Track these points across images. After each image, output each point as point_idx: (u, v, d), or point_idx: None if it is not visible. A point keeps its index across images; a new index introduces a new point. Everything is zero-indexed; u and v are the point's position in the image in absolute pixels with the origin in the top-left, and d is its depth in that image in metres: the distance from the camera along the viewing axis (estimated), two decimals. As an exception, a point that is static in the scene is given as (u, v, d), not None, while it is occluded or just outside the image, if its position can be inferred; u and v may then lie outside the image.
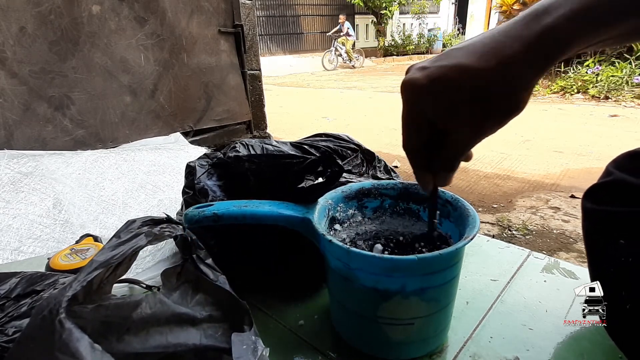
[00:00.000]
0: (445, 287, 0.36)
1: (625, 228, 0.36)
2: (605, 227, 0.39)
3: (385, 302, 0.35)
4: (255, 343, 0.30)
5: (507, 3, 6.13)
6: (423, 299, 0.35)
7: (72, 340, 0.23)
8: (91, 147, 1.14)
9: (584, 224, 0.43)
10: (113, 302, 0.29)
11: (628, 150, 0.41)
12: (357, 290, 0.36)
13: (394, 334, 0.37)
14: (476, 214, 0.38)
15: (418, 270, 0.34)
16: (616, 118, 3.08)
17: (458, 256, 0.36)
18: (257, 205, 0.41)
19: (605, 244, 0.38)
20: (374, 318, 0.36)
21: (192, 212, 0.40)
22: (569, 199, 1.66)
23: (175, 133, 1.34)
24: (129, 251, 0.29)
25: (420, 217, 0.46)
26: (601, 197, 0.40)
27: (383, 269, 0.34)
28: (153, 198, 0.84)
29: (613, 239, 0.37)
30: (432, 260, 0.33)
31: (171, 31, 1.33)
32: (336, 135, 0.63)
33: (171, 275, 0.34)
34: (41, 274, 0.41)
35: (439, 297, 0.36)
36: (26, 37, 1.01)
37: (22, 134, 1.03)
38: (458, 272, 0.37)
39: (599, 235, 0.40)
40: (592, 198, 0.41)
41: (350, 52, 9.04)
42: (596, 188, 0.41)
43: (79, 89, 1.13)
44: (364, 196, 0.46)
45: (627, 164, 0.40)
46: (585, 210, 0.42)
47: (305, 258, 0.47)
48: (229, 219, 0.40)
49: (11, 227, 0.67)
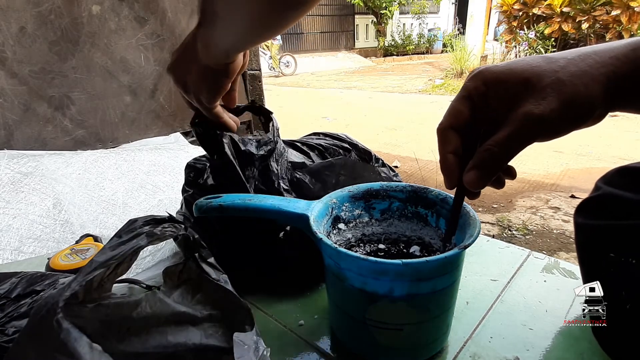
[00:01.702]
0: (437, 296, 0.35)
1: (614, 241, 0.37)
2: (595, 241, 0.39)
3: (373, 304, 0.35)
4: (257, 343, 0.30)
5: (507, 3, 6.13)
6: (412, 305, 0.34)
7: (70, 340, 0.23)
8: (91, 147, 1.14)
9: (576, 237, 0.43)
10: (113, 302, 0.29)
11: (617, 167, 0.41)
12: (347, 290, 0.36)
13: (382, 338, 0.37)
14: (478, 224, 0.36)
15: (405, 275, 0.33)
16: (616, 118, 3.08)
17: (450, 265, 0.35)
18: (260, 199, 0.42)
19: (597, 258, 0.39)
20: (363, 320, 0.36)
21: (201, 202, 0.41)
22: (569, 199, 1.66)
23: (175, 133, 1.34)
24: (130, 251, 0.29)
25: (428, 222, 0.45)
26: (591, 211, 0.41)
27: (370, 271, 0.34)
28: (153, 198, 0.84)
29: (603, 253, 0.37)
30: (419, 267, 0.33)
31: (171, 31, 1.33)
32: (333, 134, 0.63)
33: (172, 274, 0.34)
34: (41, 274, 0.41)
35: (429, 305, 0.35)
36: (26, 37, 1.01)
37: (22, 134, 1.03)
38: (452, 281, 0.36)
39: (590, 249, 0.40)
40: (583, 212, 0.42)
41: (275, 58, 7.84)
42: (586, 203, 0.42)
43: (79, 89, 1.13)
44: (372, 197, 0.46)
45: (616, 179, 0.40)
46: (577, 225, 0.42)
47: (306, 256, 0.47)
48: (233, 210, 0.41)
49: (11, 227, 0.67)
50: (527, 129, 0.27)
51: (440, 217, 0.43)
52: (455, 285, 0.37)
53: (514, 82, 0.28)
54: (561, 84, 0.26)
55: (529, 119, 0.27)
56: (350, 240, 0.45)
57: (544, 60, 0.28)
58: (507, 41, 6.29)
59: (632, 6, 4.95)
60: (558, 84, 0.27)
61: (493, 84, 0.29)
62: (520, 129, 0.27)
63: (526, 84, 0.27)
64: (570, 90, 0.26)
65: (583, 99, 0.26)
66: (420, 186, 0.45)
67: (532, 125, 0.27)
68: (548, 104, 0.26)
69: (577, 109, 0.27)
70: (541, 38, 5.67)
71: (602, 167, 1.98)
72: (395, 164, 2.26)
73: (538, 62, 0.28)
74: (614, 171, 0.41)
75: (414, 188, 0.45)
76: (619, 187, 0.38)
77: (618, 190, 0.38)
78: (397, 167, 2.23)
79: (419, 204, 0.45)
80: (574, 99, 0.26)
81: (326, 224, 0.42)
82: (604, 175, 0.42)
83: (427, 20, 11.78)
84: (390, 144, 2.67)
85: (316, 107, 4.36)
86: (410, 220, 0.46)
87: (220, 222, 0.51)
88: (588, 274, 0.41)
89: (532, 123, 0.27)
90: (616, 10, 5.08)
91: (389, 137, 2.87)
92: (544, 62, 0.28)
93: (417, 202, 0.45)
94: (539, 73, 0.27)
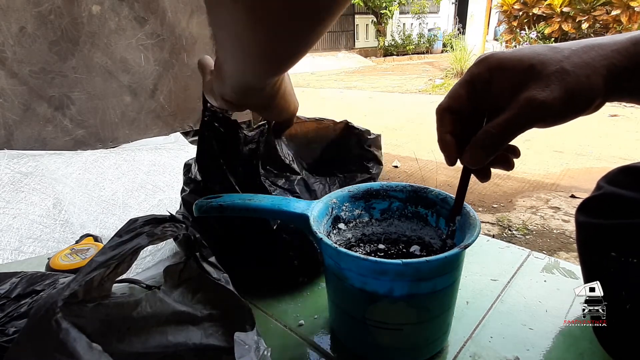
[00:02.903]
0: (437, 296, 0.35)
1: (615, 240, 0.37)
2: (597, 239, 0.39)
3: (373, 304, 0.35)
4: (258, 343, 0.30)
5: (508, 3, 6.12)
6: (412, 305, 0.34)
7: (69, 340, 0.23)
8: (91, 147, 1.14)
9: (577, 236, 0.43)
10: (113, 301, 0.29)
11: (620, 166, 0.41)
12: (347, 290, 0.36)
13: (382, 338, 0.37)
14: (478, 224, 0.36)
15: (406, 275, 0.33)
16: (616, 118, 3.08)
17: (450, 265, 0.35)
18: (260, 199, 0.42)
19: (598, 257, 0.39)
20: (363, 319, 0.36)
21: (201, 202, 0.41)
22: (569, 199, 1.66)
23: (175, 133, 1.34)
24: (130, 251, 0.29)
25: (428, 222, 0.45)
26: (593, 210, 0.41)
27: (370, 271, 0.34)
28: (153, 198, 0.84)
29: (604, 252, 0.37)
30: (420, 267, 0.33)
31: (171, 31, 1.33)
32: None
33: (173, 273, 0.34)
34: (41, 274, 0.41)
35: (429, 305, 0.35)
36: (26, 37, 1.01)
37: (22, 134, 1.03)
38: (452, 281, 0.36)
39: (591, 248, 0.40)
40: (584, 211, 0.42)
41: None
42: (587, 202, 0.42)
43: (79, 89, 1.13)
44: (372, 197, 0.46)
45: (618, 179, 0.40)
46: (578, 224, 0.42)
47: (306, 255, 0.47)
48: (233, 210, 0.41)
49: (11, 227, 0.67)
50: (528, 113, 0.28)
51: (440, 217, 0.43)
52: (455, 285, 0.37)
53: (519, 69, 0.28)
54: (565, 73, 0.27)
55: (531, 104, 0.27)
56: (350, 240, 0.45)
57: (549, 49, 0.29)
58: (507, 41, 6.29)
59: (632, 6, 4.96)
60: (562, 73, 0.27)
61: (498, 71, 0.29)
62: (521, 112, 0.28)
63: (531, 70, 0.28)
64: (574, 80, 0.27)
65: (585, 89, 0.27)
66: (420, 186, 0.45)
67: (534, 110, 0.28)
68: (552, 91, 0.27)
69: (578, 99, 0.28)
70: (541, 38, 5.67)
71: (602, 167, 1.97)
72: (395, 164, 2.26)
73: (544, 50, 0.29)
74: (616, 170, 0.41)
75: (414, 188, 0.45)
76: (622, 186, 0.38)
77: (620, 189, 0.38)
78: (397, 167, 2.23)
79: (419, 204, 0.45)
80: (576, 89, 0.27)
81: (326, 224, 0.42)
82: (607, 175, 0.42)
83: (427, 20, 11.78)
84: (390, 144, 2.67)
85: (316, 107, 4.36)
86: (411, 220, 0.46)
87: (220, 221, 0.51)
88: (589, 273, 0.41)
89: (535, 108, 0.27)
90: (616, 10, 5.09)
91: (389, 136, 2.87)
92: (549, 51, 0.29)
93: (417, 202, 0.45)
94: (544, 61, 0.28)
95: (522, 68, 0.28)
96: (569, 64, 0.27)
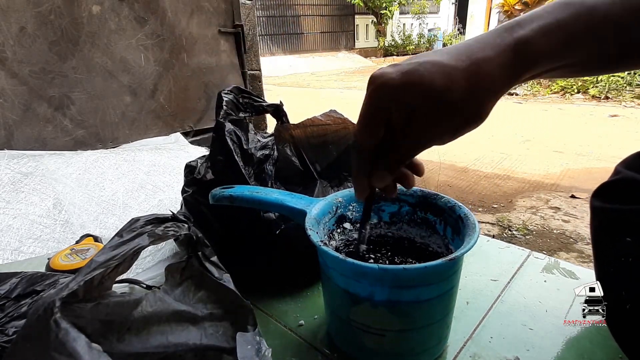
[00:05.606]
0: (422, 306, 0.34)
1: (632, 226, 0.36)
2: (613, 224, 0.39)
3: (355, 306, 0.35)
4: (259, 343, 0.30)
5: (509, 3, 6.12)
6: (393, 312, 0.34)
7: (68, 339, 0.23)
8: (91, 147, 1.14)
9: (591, 222, 0.42)
10: (113, 301, 0.29)
11: (638, 151, 0.41)
12: (334, 289, 0.37)
13: (366, 341, 0.37)
14: (477, 233, 0.35)
15: (385, 280, 0.33)
16: (616, 118, 3.08)
17: (436, 275, 0.33)
18: (267, 192, 0.43)
19: (612, 242, 0.38)
20: (348, 320, 0.36)
21: (216, 191, 0.44)
22: (569, 199, 1.66)
23: (175, 133, 1.34)
24: (130, 251, 0.29)
25: (436, 229, 0.44)
26: (609, 195, 0.40)
27: (351, 273, 0.34)
28: (153, 198, 0.84)
29: (619, 237, 0.37)
30: (397, 273, 0.32)
31: (171, 31, 1.33)
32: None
33: (175, 271, 0.34)
34: (41, 274, 0.41)
35: (413, 314, 0.34)
36: (26, 37, 1.01)
37: (22, 134, 1.03)
38: (441, 293, 0.34)
39: (606, 233, 0.40)
40: (600, 196, 0.41)
41: None
42: (604, 186, 0.41)
43: (79, 89, 1.13)
44: (381, 199, 0.46)
45: (637, 163, 0.39)
46: (594, 209, 0.41)
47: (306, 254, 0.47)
48: (241, 201, 0.43)
49: (11, 227, 0.67)
50: (421, 142, 0.29)
51: (448, 226, 0.42)
52: (444, 298, 0.35)
53: (411, 97, 0.28)
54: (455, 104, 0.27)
55: (426, 135, 0.28)
56: (355, 240, 0.45)
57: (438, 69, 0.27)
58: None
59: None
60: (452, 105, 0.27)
61: (394, 103, 0.28)
62: (415, 142, 0.29)
63: (424, 98, 0.27)
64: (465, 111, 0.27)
65: (475, 117, 0.28)
66: (430, 192, 0.44)
67: (428, 141, 0.29)
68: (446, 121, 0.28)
69: (468, 126, 0.28)
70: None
71: (602, 167, 1.97)
72: (395, 164, 2.26)
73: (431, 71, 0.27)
74: (635, 155, 0.40)
75: (424, 193, 0.44)
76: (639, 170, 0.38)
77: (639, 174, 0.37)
78: (397, 167, 2.23)
79: (429, 210, 0.44)
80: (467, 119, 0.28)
81: (328, 222, 0.42)
82: (625, 160, 0.41)
83: (427, 20, 11.79)
84: (390, 144, 2.67)
85: (316, 108, 4.36)
86: (419, 226, 0.45)
87: (221, 221, 0.51)
88: (602, 261, 0.40)
89: (429, 139, 0.29)
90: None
91: (389, 137, 2.87)
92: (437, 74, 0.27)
93: (427, 208, 0.44)
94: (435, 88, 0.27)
95: (414, 96, 0.28)
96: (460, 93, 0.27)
